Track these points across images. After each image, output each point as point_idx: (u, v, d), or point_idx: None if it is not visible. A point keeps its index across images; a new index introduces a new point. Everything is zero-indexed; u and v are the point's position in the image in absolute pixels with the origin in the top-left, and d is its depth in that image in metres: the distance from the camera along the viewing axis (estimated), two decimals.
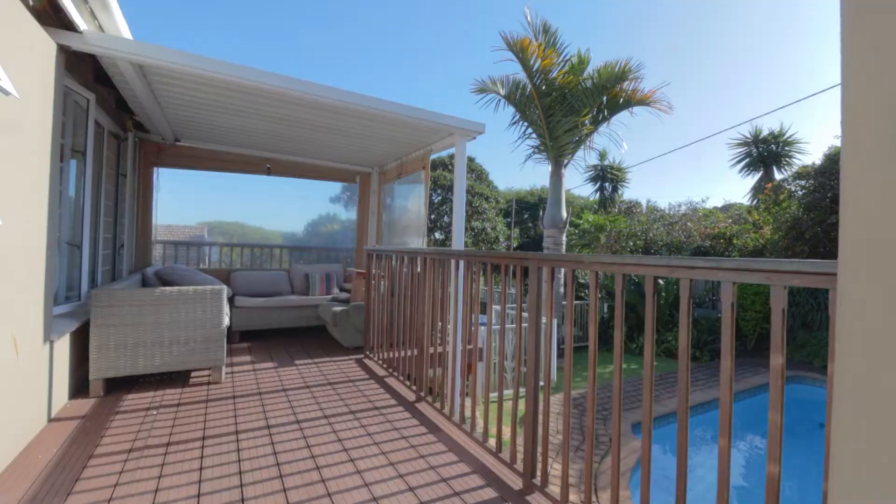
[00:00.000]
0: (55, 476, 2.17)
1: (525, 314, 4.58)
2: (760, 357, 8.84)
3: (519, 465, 2.29)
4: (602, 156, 20.32)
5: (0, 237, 2.12)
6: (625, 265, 1.66)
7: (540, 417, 2.07)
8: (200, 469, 2.28)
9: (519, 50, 8.30)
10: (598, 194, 20.73)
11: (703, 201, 14.35)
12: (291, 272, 6.27)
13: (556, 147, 9.16)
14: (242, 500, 2.02)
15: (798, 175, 10.38)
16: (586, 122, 9.04)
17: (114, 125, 4.43)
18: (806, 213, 8.95)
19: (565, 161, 9.56)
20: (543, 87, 8.72)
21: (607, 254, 11.66)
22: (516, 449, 2.34)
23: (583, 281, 10.29)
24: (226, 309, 3.68)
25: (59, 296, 3.27)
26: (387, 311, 4.13)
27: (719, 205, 19.85)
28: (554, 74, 8.62)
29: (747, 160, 16.51)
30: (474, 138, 4.76)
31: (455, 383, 3.05)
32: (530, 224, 24.53)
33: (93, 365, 3.17)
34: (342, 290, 6.23)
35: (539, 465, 2.17)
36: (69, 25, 2.90)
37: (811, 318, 8.75)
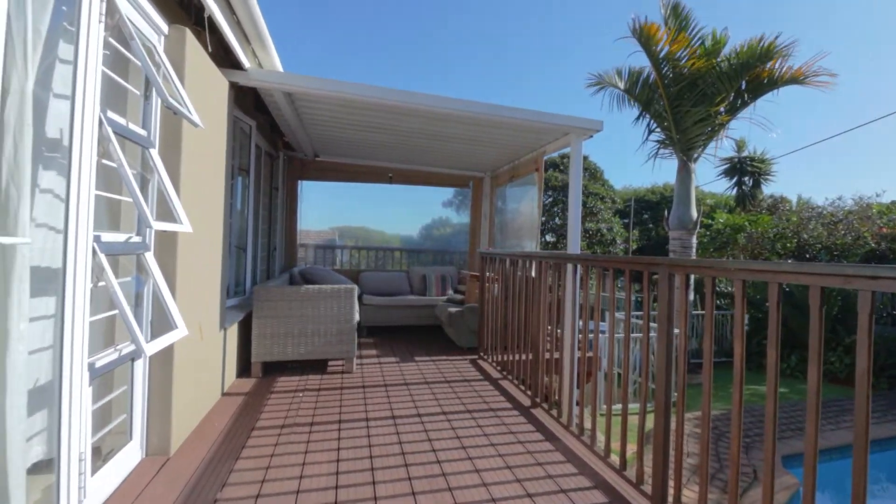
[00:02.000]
0: (227, 442, 2.61)
1: (653, 324, 4.26)
2: None
3: (647, 487, 2.15)
4: (740, 146, 17.94)
5: (190, 242, 2.62)
6: (780, 273, 1.46)
7: (672, 437, 1.92)
8: (338, 449, 2.55)
9: (644, 37, 7.73)
10: (734, 190, 18.34)
11: (877, 195, 11.80)
12: (410, 273, 6.67)
13: (685, 140, 8.35)
14: (373, 482, 2.21)
15: None
16: (721, 110, 8.09)
17: (268, 146, 5.17)
18: None
19: (695, 155, 8.65)
20: (670, 76, 8.01)
21: (748, 259, 10.33)
22: (643, 469, 2.19)
23: (718, 288, 9.21)
24: (356, 306, 4.06)
25: (230, 290, 3.93)
26: (500, 313, 4.17)
27: None
28: (683, 61, 7.87)
29: None
30: (591, 137, 4.57)
31: (573, 392, 2.97)
32: (651, 225, 22.63)
33: (254, 350, 3.75)
34: (456, 291, 6.44)
35: (671, 491, 2.01)
36: (237, 65, 3.46)
37: None
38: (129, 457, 2.23)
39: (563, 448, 2.66)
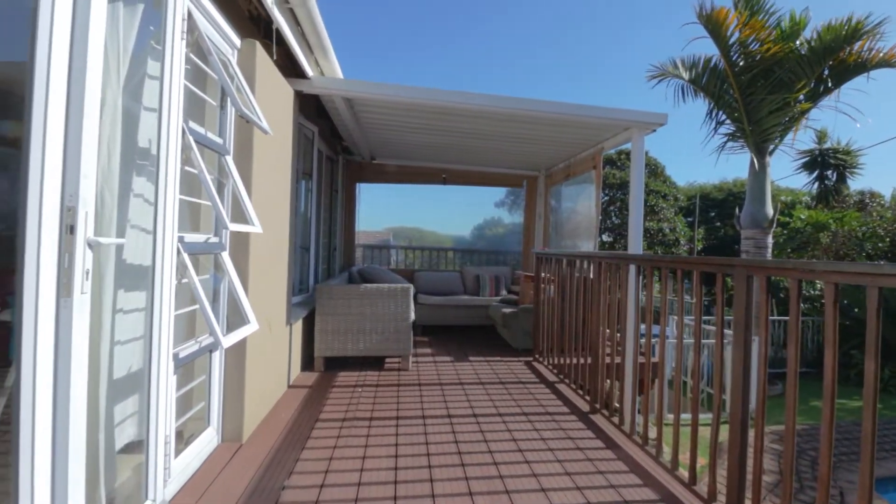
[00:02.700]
0: (294, 432, 2.74)
1: (724, 330, 4.00)
2: None
3: None
4: (821, 137, 16.36)
5: (260, 243, 2.77)
6: (882, 276, 1.32)
7: (750, 451, 1.79)
8: (396, 445, 2.60)
9: (712, 23, 7.26)
10: (814, 185, 16.75)
11: None
12: (464, 273, 6.69)
13: (759, 131, 7.75)
14: (431, 480, 2.23)
15: None
16: (800, 97, 7.43)
17: (329, 150, 5.38)
18: None
19: (770, 147, 8.02)
20: (741, 63, 7.47)
21: (831, 260, 9.48)
22: (716, 484, 2.06)
23: (806, 292, 8.52)
24: (412, 305, 4.14)
25: (295, 288, 4.13)
26: (556, 315, 4.07)
27: None
28: (756, 46, 7.31)
29: None
30: (654, 131, 4.37)
31: (635, 399, 2.85)
32: (718, 223, 21.30)
33: (317, 345, 3.93)
34: (510, 291, 6.37)
35: None
36: (301, 73, 3.62)
37: None
38: (207, 442, 2.40)
39: (626, 457, 2.55)
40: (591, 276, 3.41)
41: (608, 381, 3.19)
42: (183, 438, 2.32)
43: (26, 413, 1.25)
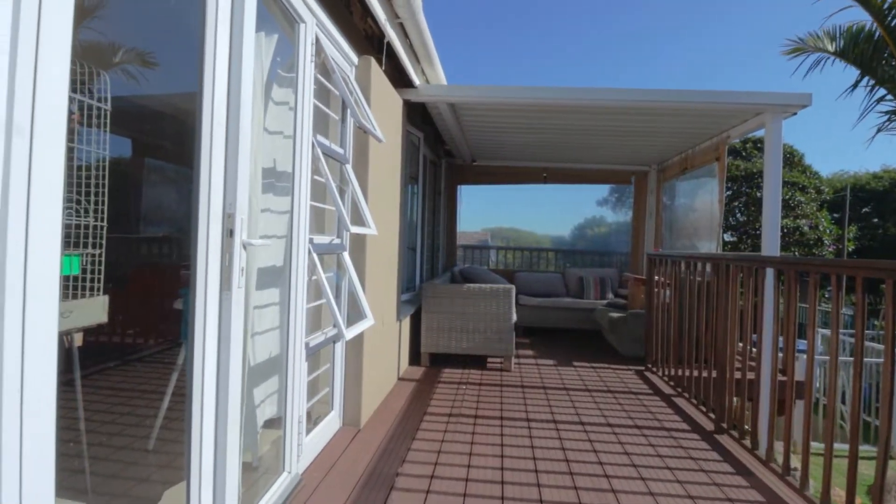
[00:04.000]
0: (404, 423, 2.89)
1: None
2: None
3: None
4: None
5: (375, 244, 2.97)
6: None
7: None
8: (501, 445, 2.61)
9: None
10: None
11: None
12: (566, 275, 6.48)
13: None
14: (538, 485, 2.20)
15: None
16: None
17: (432, 155, 5.59)
18: None
19: None
20: None
21: None
22: None
23: None
24: (514, 306, 4.12)
25: (403, 286, 4.35)
26: (674, 322, 3.76)
27: None
28: None
29: None
30: (794, 114, 3.82)
31: (774, 421, 2.51)
32: (875, 220, 17.97)
33: (423, 341, 4.11)
34: (617, 295, 6.03)
35: None
36: (408, 83, 3.81)
37: None
38: (331, 424, 2.63)
39: (760, 486, 2.26)
40: (717, 280, 3.09)
41: (737, 398, 2.86)
42: (311, 419, 2.58)
43: (197, 386, 1.49)
